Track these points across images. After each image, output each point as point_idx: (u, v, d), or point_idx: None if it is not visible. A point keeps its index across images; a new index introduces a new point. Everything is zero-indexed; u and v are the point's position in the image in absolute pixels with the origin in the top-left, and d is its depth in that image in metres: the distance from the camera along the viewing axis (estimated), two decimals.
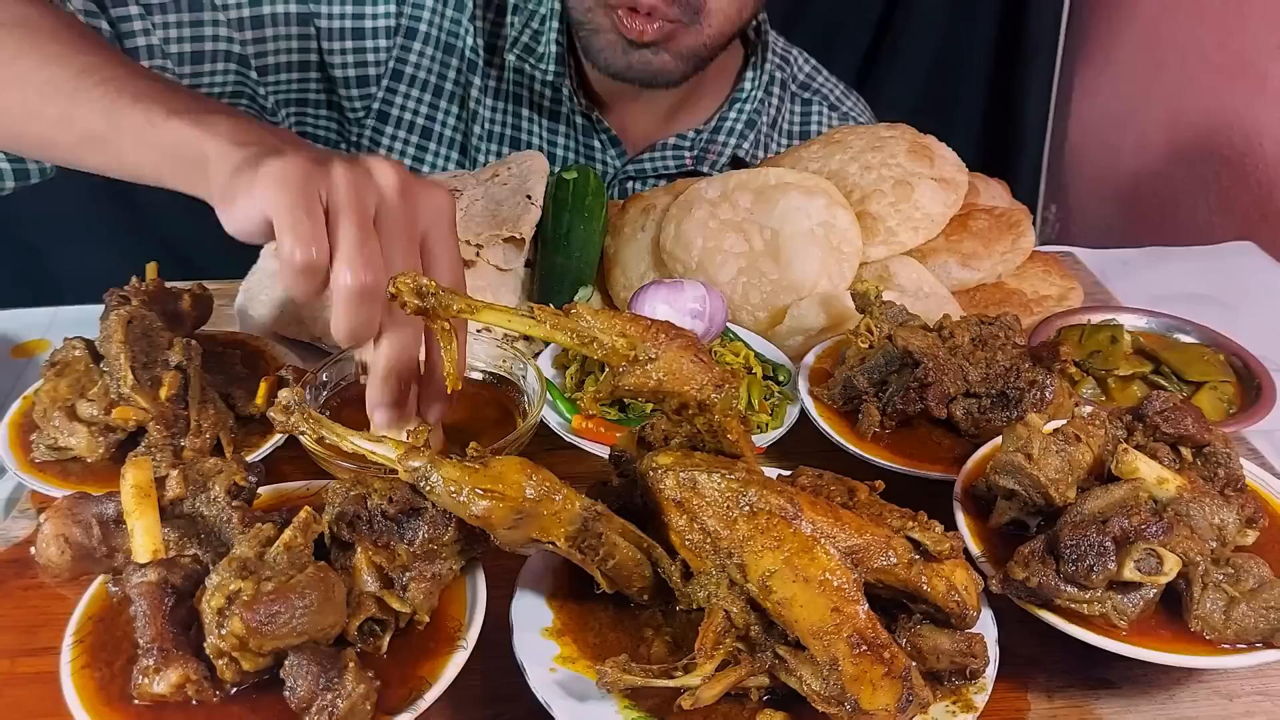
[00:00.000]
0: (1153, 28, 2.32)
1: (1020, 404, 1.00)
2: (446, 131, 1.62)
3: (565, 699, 0.72)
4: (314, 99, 1.57)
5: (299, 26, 1.48)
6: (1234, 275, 1.57)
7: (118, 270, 1.07)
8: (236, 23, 1.42)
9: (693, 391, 0.75)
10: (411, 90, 1.58)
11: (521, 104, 1.62)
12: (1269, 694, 0.84)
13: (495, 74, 1.61)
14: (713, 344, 1.14)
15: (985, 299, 1.31)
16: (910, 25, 2.60)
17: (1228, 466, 0.88)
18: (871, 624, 0.70)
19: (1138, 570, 0.76)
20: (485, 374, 1.11)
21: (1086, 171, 2.60)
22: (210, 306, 1.10)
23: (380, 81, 1.56)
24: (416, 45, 1.55)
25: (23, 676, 0.81)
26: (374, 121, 1.59)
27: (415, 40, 1.55)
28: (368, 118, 1.59)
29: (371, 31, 1.52)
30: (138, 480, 0.76)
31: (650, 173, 1.65)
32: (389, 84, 1.57)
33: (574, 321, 0.77)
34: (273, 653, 0.67)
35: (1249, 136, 2.01)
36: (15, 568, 0.91)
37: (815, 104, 1.77)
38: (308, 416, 0.77)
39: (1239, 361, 1.18)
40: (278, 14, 1.45)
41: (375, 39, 1.53)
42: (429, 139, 1.62)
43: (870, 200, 1.31)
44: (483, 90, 1.61)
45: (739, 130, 1.66)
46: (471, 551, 0.79)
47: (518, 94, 1.62)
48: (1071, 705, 0.82)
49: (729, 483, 0.73)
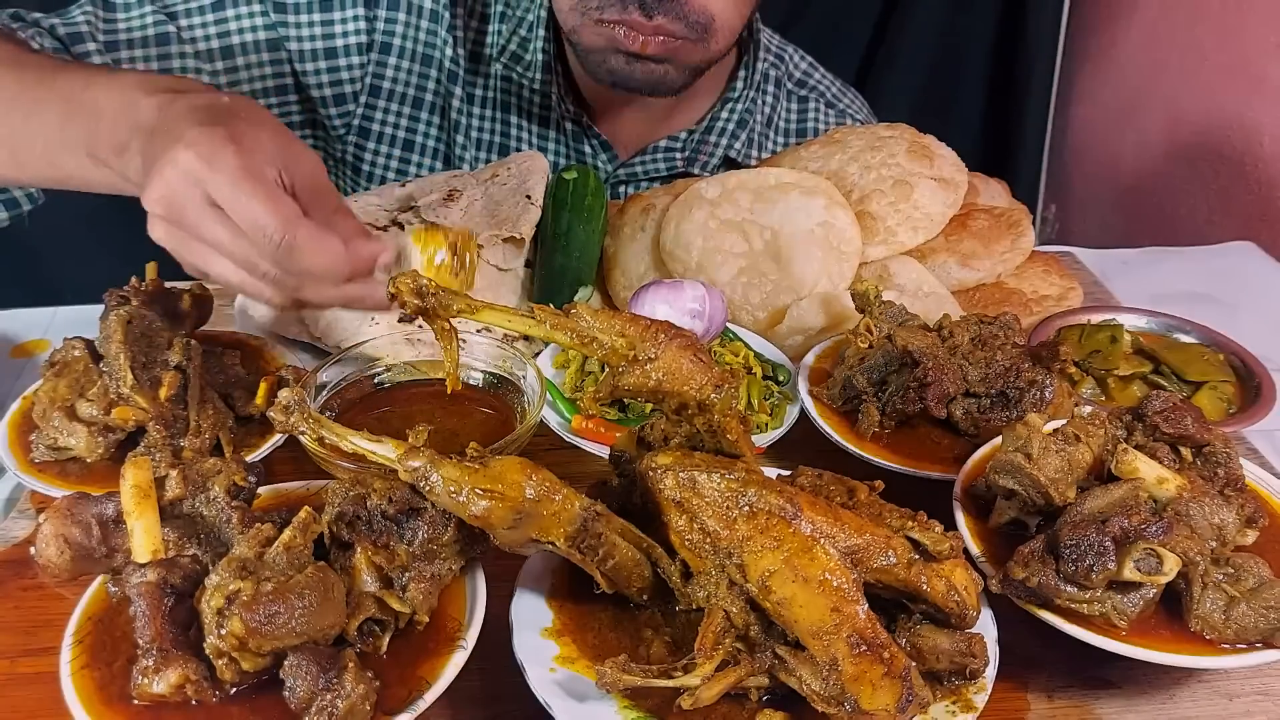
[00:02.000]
0: (1153, 28, 2.32)
1: (1020, 404, 1.00)
2: (429, 143, 1.62)
3: (565, 699, 0.73)
4: (297, 120, 1.58)
5: (269, 52, 1.49)
6: (1234, 275, 1.57)
7: (117, 270, 1.07)
8: (206, 54, 1.43)
9: (692, 391, 0.75)
10: (391, 104, 1.58)
11: (510, 111, 1.62)
12: (1269, 694, 0.84)
13: (482, 82, 1.61)
14: (712, 344, 1.14)
15: (985, 299, 1.31)
16: (910, 25, 2.60)
17: (1227, 466, 0.88)
18: (871, 624, 0.70)
19: (1137, 570, 0.76)
20: (485, 374, 1.11)
21: (1086, 171, 2.60)
22: (210, 306, 1.10)
23: (358, 98, 1.56)
24: (392, 60, 1.55)
25: (23, 677, 0.81)
26: (355, 137, 1.60)
27: (390, 55, 1.55)
28: (349, 134, 1.59)
29: (344, 50, 1.52)
30: (137, 480, 0.76)
31: (642, 175, 1.65)
32: (367, 100, 1.57)
33: (574, 321, 0.77)
34: (272, 653, 0.67)
35: (1249, 136, 2.01)
36: (15, 568, 0.91)
37: (812, 101, 1.77)
38: (308, 416, 0.77)
39: (1239, 361, 1.18)
40: (246, 42, 1.46)
41: (348, 56, 1.53)
42: (411, 151, 1.62)
43: (870, 200, 1.31)
44: (468, 99, 1.60)
45: (730, 130, 1.65)
46: (471, 551, 0.79)
47: (505, 101, 1.62)
48: (1071, 705, 0.82)
49: (729, 483, 0.73)
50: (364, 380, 1.10)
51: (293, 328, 1.21)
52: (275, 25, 1.47)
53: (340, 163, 1.63)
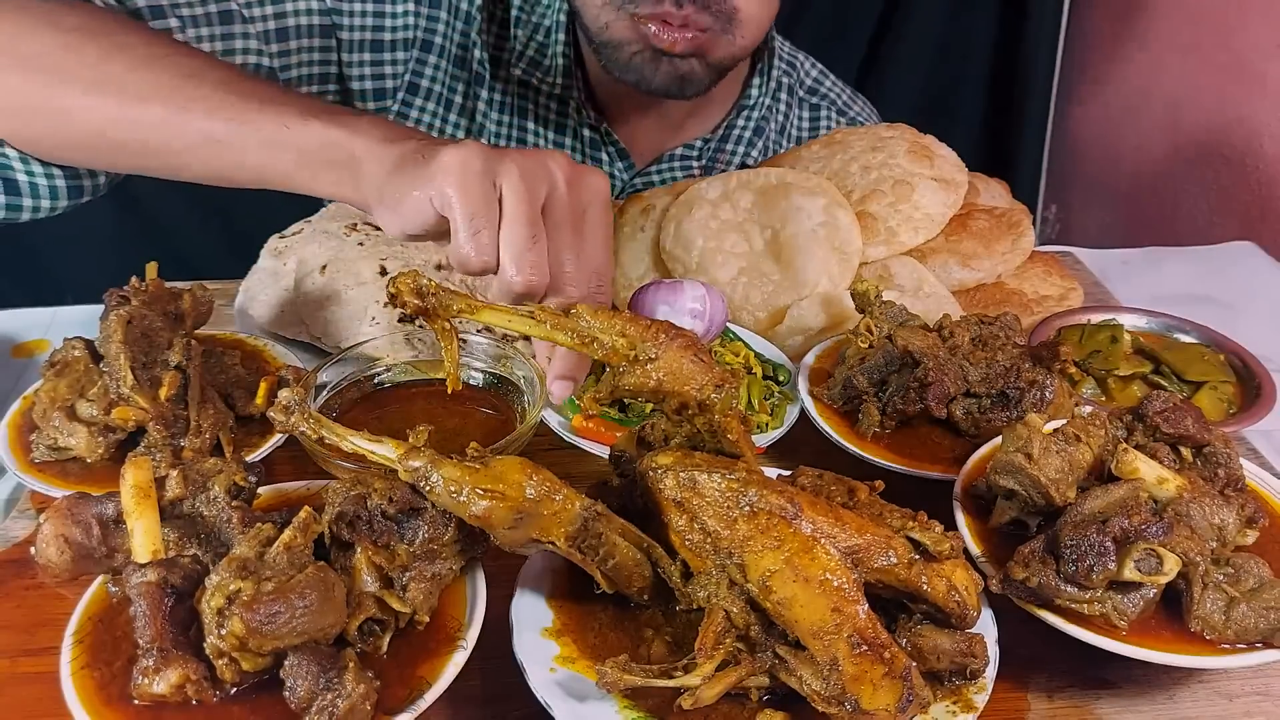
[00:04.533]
0: (1153, 28, 2.32)
1: (1020, 404, 1.00)
2: None
3: (565, 699, 0.72)
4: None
5: (321, 38, 1.47)
6: (1234, 275, 1.57)
7: (118, 270, 1.07)
8: (263, 35, 1.42)
9: (692, 391, 0.75)
10: (426, 104, 1.58)
11: (527, 117, 1.62)
12: (1269, 694, 0.84)
13: (500, 88, 1.60)
14: (713, 344, 1.14)
15: (985, 299, 1.31)
16: (911, 25, 2.60)
17: (1228, 466, 0.88)
18: (871, 624, 0.70)
19: (1138, 570, 0.76)
20: (485, 374, 1.11)
21: (1086, 171, 2.60)
22: (210, 306, 1.10)
23: (396, 94, 1.56)
24: (432, 58, 1.55)
25: (23, 676, 0.81)
26: None
27: (430, 53, 1.54)
28: None
29: (390, 44, 1.51)
30: (138, 480, 0.76)
31: (659, 184, 1.64)
32: (404, 97, 1.56)
33: (574, 321, 0.78)
34: (272, 653, 0.67)
35: (1249, 136, 2.01)
36: (15, 568, 0.91)
37: (824, 109, 1.76)
38: (308, 416, 0.77)
39: (1239, 361, 1.18)
40: (301, 25, 1.45)
41: (393, 51, 1.52)
42: None
43: (870, 200, 1.31)
44: (489, 104, 1.60)
45: (747, 138, 1.65)
46: (471, 551, 0.79)
47: (523, 107, 1.61)
48: (1071, 705, 0.82)
49: (729, 483, 0.73)
50: (364, 380, 1.10)
51: (292, 328, 1.21)
52: (330, 12, 1.46)
53: None
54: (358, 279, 1.18)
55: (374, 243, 1.23)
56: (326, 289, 1.18)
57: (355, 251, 1.21)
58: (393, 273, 1.11)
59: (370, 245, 1.22)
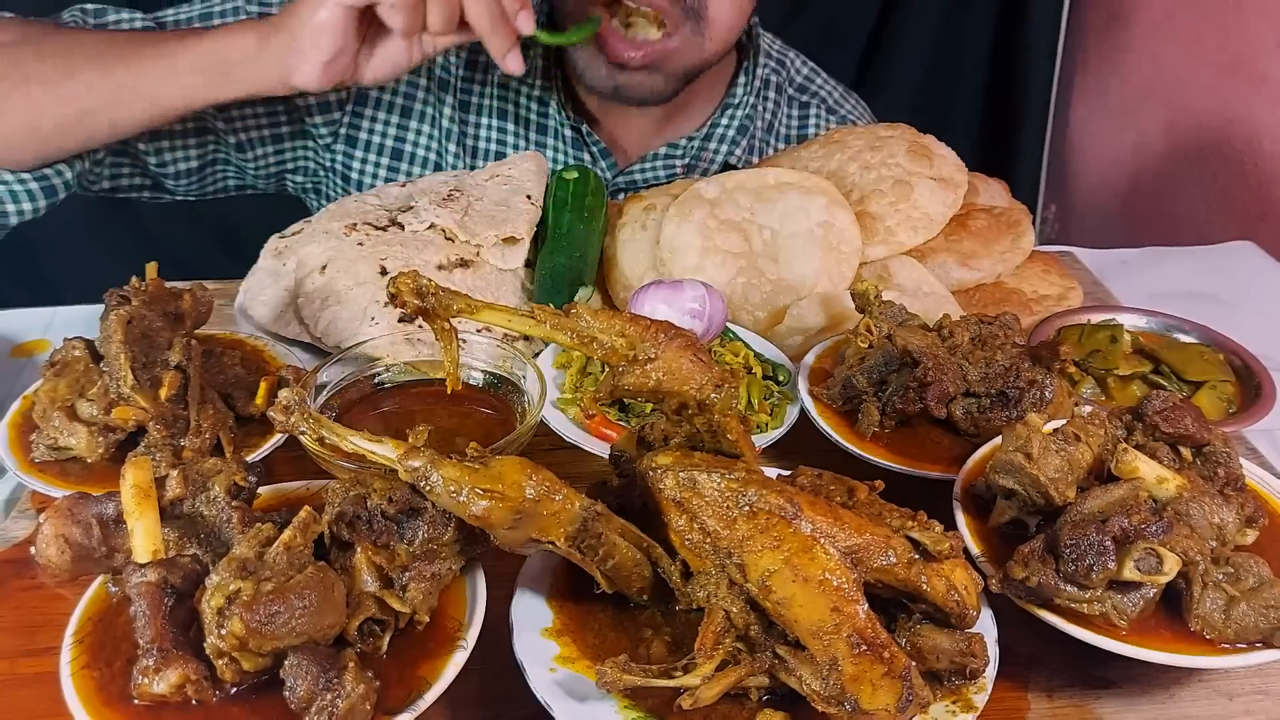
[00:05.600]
0: (1153, 28, 2.32)
1: (1020, 404, 1.00)
2: (420, 151, 1.62)
3: (565, 699, 0.72)
4: (286, 131, 1.57)
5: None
6: (1234, 275, 1.57)
7: (117, 271, 1.07)
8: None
9: (692, 391, 0.75)
10: (379, 113, 1.58)
11: (508, 119, 1.62)
12: (1269, 693, 0.84)
13: (479, 91, 1.61)
14: (712, 344, 1.14)
15: (985, 299, 1.31)
16: (909, 24, 2.60)
17: (1227, 466, 0.88)
18: (871, 624, 0.70)
19: (1137, 570, 0.76)
20: (485, 374, 1.11)
21: (1086, 171, 2.60)
22: (210, 306, 1.10)
23: (344, 106, 1.56)
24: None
25: (23, 677, 0.81)
26: (343, 146, 1.59)
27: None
28: (336, 143, 1.59)
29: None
30: (138, 480, 0.76)
31: (642, 184, 1.65)
32: (353, 108, 1.57)
33: (574, 321, 0.78)
34: (272, 653, 0.67)
35: (1249, 136, 2.01)
36: (15, 568, 0.91)
37: (813, 107, 1.76)
38: (308, 416, 0.77)
39: (1239, 361, 1.18)
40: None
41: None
42: (400, 159, 1.61)
43: (869, 200, 1.31)
44: (464, 108, 1.60)
45: (731, 137, 1.65)
46: (471, 551, 0.79)
47: (503, 110, 1.61)
48: (1071, 705, 0.82)
49: (729, 482, 0.73)
50: (364, 380, 1.10)
51: (292, 328, 1.21)
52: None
53: (331, 172, 1.63)
54: (358, 279, 1.18)
55: (374, 243, 1.23)
56: (326, 289, 1.18)
57: (355, 251, 1.21)
58: (393, 273, 1.11)
59: (370, 245, 1.22)
